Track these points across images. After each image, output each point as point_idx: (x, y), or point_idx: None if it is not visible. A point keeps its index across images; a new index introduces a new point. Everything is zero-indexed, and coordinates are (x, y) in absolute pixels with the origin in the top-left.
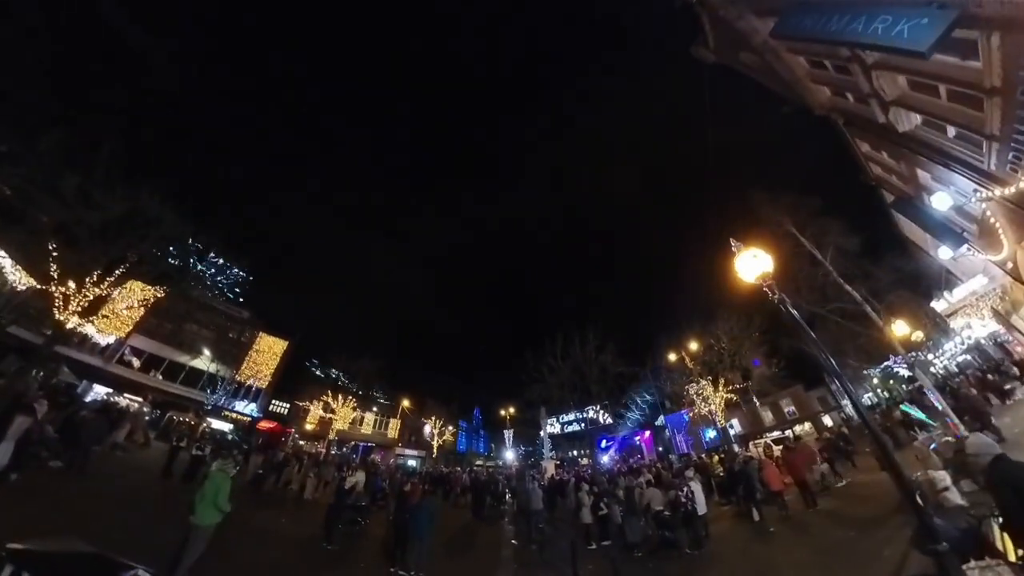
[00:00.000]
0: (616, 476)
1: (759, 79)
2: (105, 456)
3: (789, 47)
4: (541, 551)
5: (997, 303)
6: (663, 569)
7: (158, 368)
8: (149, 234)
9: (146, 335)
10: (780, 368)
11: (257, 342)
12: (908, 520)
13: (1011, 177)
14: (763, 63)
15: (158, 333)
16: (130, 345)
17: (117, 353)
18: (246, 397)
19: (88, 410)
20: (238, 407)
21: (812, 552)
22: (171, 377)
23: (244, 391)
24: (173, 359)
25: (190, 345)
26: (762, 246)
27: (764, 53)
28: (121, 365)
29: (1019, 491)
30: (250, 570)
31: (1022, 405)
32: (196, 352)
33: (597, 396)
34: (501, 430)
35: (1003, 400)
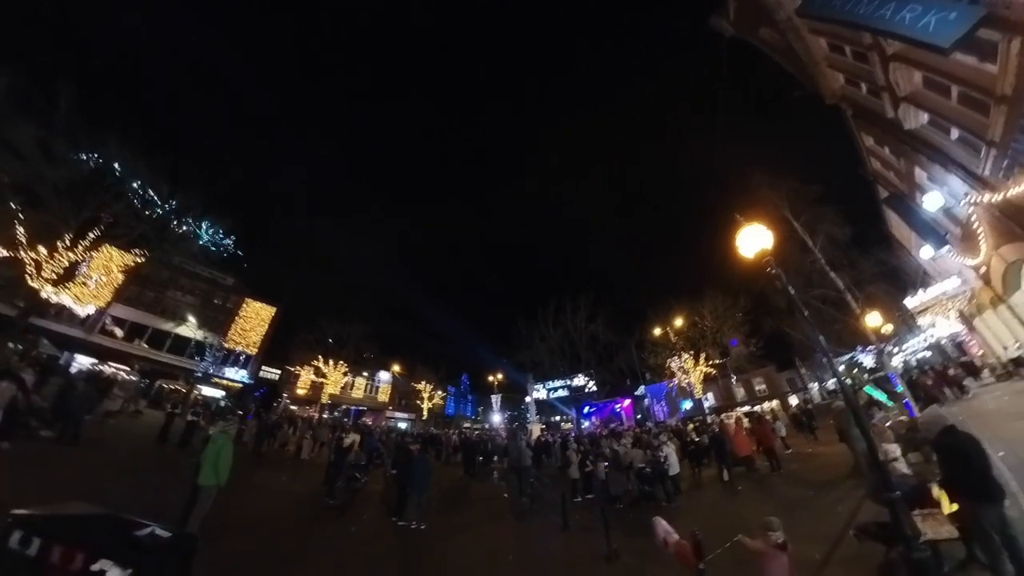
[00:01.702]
0: (598, 439)
1: (775, 57)
2: (97, 425)
3: (812, 27)
4: (532, 502)
5: (964, 305)
6: (642, 518)
7: (142, 337)
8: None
9: (127, 304)
10: (758, 348)
11: (244, 308)
12: (859, 484)
13: (1002, 184)
14: (782, 41)
15: (140, 301)
16: (111, 315)
17: (98, 323)
18: (236, 364)
19: (76, 380)
20: (228, 374)
21: (774, 507)
22: (157, 345)
23: (233, 358)
24: (157, 327)
25: (174, 312)
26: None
27: (786, 31)
28: (104, 335)
29: (960, 454)
30: (260, 523)
31: (974, 400)
32: (181, 320)
33: (586, 363)
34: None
35: (959, 394)
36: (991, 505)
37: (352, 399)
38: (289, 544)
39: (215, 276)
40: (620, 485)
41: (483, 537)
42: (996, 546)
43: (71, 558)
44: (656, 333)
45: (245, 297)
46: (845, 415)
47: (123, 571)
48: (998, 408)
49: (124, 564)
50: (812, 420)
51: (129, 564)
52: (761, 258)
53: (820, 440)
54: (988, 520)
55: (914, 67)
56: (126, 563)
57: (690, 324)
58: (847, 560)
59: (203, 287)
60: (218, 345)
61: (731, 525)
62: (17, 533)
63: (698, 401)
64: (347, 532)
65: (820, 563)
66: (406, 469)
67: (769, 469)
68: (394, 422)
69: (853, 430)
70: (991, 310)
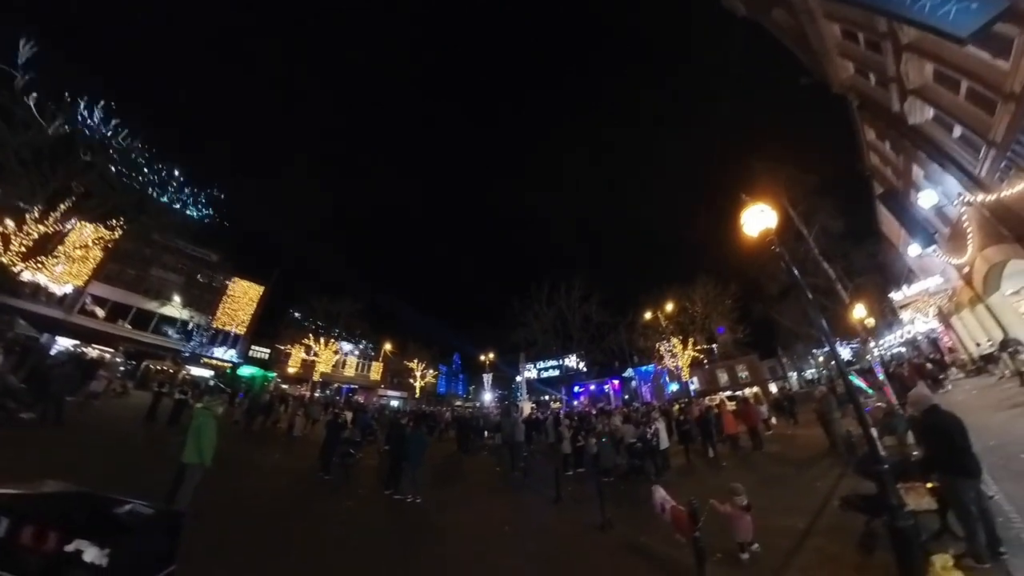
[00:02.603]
0: (588, 416)
1: (785, 41)
2: (81, 407)
3: (827, 11)
4: (525, 476)
5: (944, 303)
6: (633, 490)
7: (125, 317)
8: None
9: (107, 282)
10: (744, 336)
11: (231, 286)
12: (835, 463)
13: (997, 186)
14: (795, 24)
15: (120, 280)
16: (91, 294)
17: (78, 303)
18: (224, 343)
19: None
20: (217, 354)
21: (757, 482)
22: (141, 326)
23: (222, 337)
24: (141, 307)
25: (158, 292)
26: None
27: (800, 13)
28: (84, 315)
29: (944, 431)
30: (255, 500)
31: (953, 398)
32: (165, 299)
33: (578, 343)
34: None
35: (935, 388)
36: (971, 480)
37: (344, 377)
38: (285, 520)
39: (200, 253)
40: (611, 459)
41: (479, 509)
42: (974, 518)
43: (43, 538)
44: (647, 317)
45: (232, 275)
46: (827, 401)
47: (101, 551)
48: (965, 400)
49: (102, 543)
50: (793, 405)
51: (107, 543)
52: (765, 237)
53: (800, 424)
54: (967, 494)
55: (927, 58)
56: (104, 542)
57: (680, 309)
58: (828, 530)
59: (188, 265)
60: (206, 325)
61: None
62: None
63: (684, 384)
64: (344, 506)
65: (804, 532)
66: (401, 444)
67: (752, 448)
68: (386, 400)
69: (834, 414)
70: (969, 309)
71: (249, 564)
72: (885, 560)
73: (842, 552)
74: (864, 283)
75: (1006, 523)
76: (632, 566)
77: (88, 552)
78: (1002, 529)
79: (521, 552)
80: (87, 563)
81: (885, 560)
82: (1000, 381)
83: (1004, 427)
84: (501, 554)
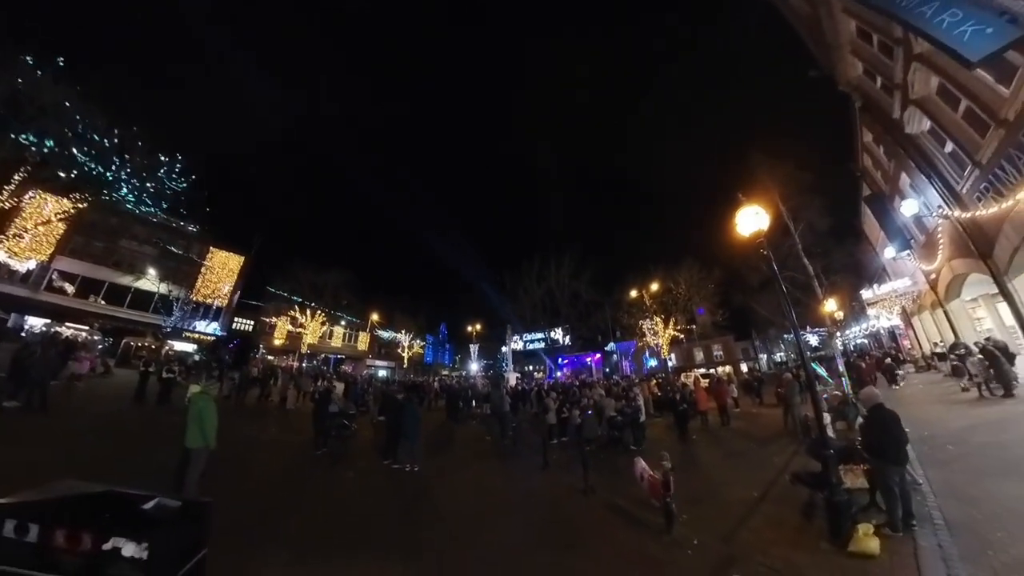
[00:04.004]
0: (571, 388)
1: (800, 29)
2: (65, 390)
3: (846, 6)
4: (514, 444)
5: (908, 304)
6: (612, 459)
7: (98, 293)
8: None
9: (74, 257)
10: (723, 319)
11: (209, 257)
12: (791, 442)
13: (974, 205)
14: (812, 14)
15: (88, 253)
16: (57, 269)
17: (44, 279)
18: (206, 316)
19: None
20: (199, 327)
21: (722, 455)
22: (116, 301)
23: (204, 310)
24: (114, 281)
25: (131, 265)
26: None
27: (819, 4)
28: (53, 292)
29: (884, 425)
30: (257, 475)
31: (902, 391)
32: (140, 272)
33: (565, 318)
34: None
35: (891, 383)
36: (898, 467)
37: (331, 348)
38: (292, 492)
39: (173, 223)
40: (593, 430)
41: (472, 476)
42: (895, 497)
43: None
44: (633, 295)
45: (210, 246)
46: (791, 386)
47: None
48: (912, 393)
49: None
50: (761, 386)
51: (143, 538)
52: (755, 238)
53: (764, 403)
54: (892, 478)
55: (934, 71)
56: (140, 537)
57: (665, 290)
58: (778, 499)
59: (161, 236)
60: (185, 298)
61: (687, 466)
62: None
63: (663, 360)
64: (346, 477)
65: (758, 500)
66: (395, 418)
67: (720, 424)
68: (374, 370)
69: (796, 399)
70: (930, 311)
71: (265, 536)
72: (821, 526)
73: (787, 518)
74: (838, 281)
75: (923, 502)
76: (611, 525)
77: (127, 548)
78: (918, 507)
79: (514, 513)
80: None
81: (821, 526)
82: (944, 379)
83: (939, 420)
84: (496, 515)
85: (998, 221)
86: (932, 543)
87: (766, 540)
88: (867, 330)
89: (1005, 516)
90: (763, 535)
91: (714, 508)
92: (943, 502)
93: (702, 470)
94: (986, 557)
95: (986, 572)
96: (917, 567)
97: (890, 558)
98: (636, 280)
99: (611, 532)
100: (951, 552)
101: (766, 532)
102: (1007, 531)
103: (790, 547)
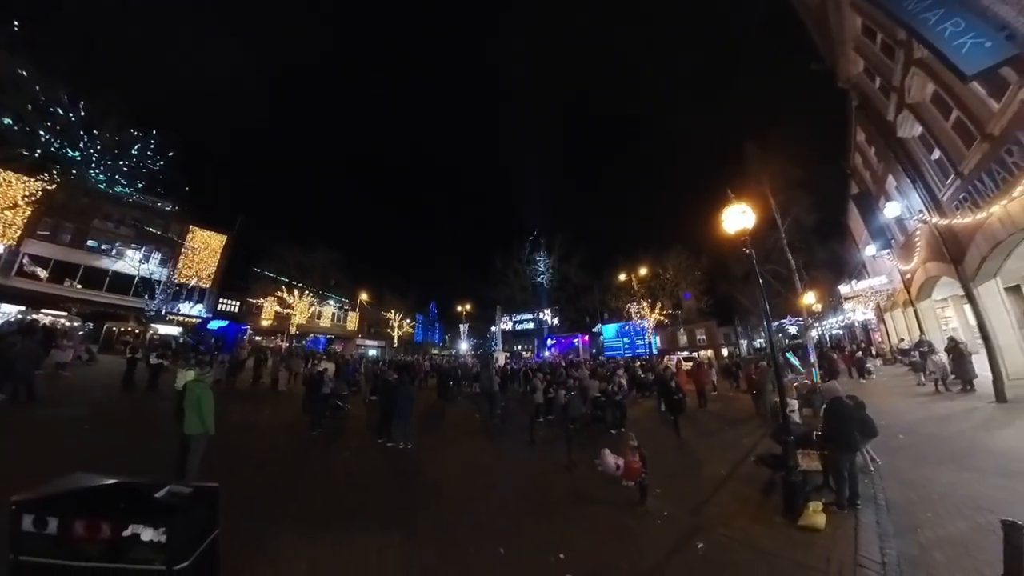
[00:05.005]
0: (558, 368)
1: (807, 21)
2: (51, 380)
3: (854, 1)
4: (502, 422)
5: (883, 300)
6: (595, 436)
7: (73, 277)
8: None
9: (45, 240)
10: (707, 306)
11: (190, 238)
12: (760, 425)
13: (952, 213)
14: (820, 6)
15: (60, 237)
16: (27, 253)
17: (14, 265)
18: (190, 298)
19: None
20: (183, 310)
21: (697, 435)
22: (94, 285)
23: (187, 292)
24: (89, 264)
25: (107, 247)
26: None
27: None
28: (25, 278)
29: (840, 416)
30: (255, 459)
31: (868, 385)
32: (117, 255)
33: (554, 301)
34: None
35: (861, 377)
36: (849, 454)
37: (320, 328)
38: (290, 473)
39: (151, 203)
40: (578, 409)
41: (464, 452)
42: (844, 479)
43: (97, 528)
44: (622, 278)
45: (190, 225)
46: (765, 375)
47: (156, 531)
48: (876, 385)
49: (155, 524)
50: (739, 370)
51: (160, 523)
52: (740, 236)
53: (741, 388)
54: (843, 463)
55: (931, 78)
56: (156, 523)
57: (653, 275)
58: (743, 477)
59: (138, 215)
60: (167, 280)
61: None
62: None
63: (648, 343)
64: (342, 456)
65: (724, 478)
66: (388, 398)
67: (697, 406)
68: (364, 350)
69: (768, 385)
70: (901, 309)
71: (270, 515)
72: (777, 502)
73: (750, 494)
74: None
75: (870, 484)
76: (590, 498)
77: (145, 533)
78: (865, 488)
79: (501, 486)
80: (147, 542)
81: (777, 502)
82: (906, 373)
83: (896, 411)
84: (485, 488)
85: (971, 230)
86: (871, 520)
87: (729, 513)
88: (843, 322)
89: (936, 499)
90: (727, 509)
91: (686, 484)
92: (887, 485)
93: (678, 449)
94: (914, 534)
95: (913, 547)
96: (855, 540)
97: (833, 532)
98: (626, 264)
99: (589, 503)
100: (886, 529)
101: (730, 506)
102: (935, 512)
103: (749, 520)
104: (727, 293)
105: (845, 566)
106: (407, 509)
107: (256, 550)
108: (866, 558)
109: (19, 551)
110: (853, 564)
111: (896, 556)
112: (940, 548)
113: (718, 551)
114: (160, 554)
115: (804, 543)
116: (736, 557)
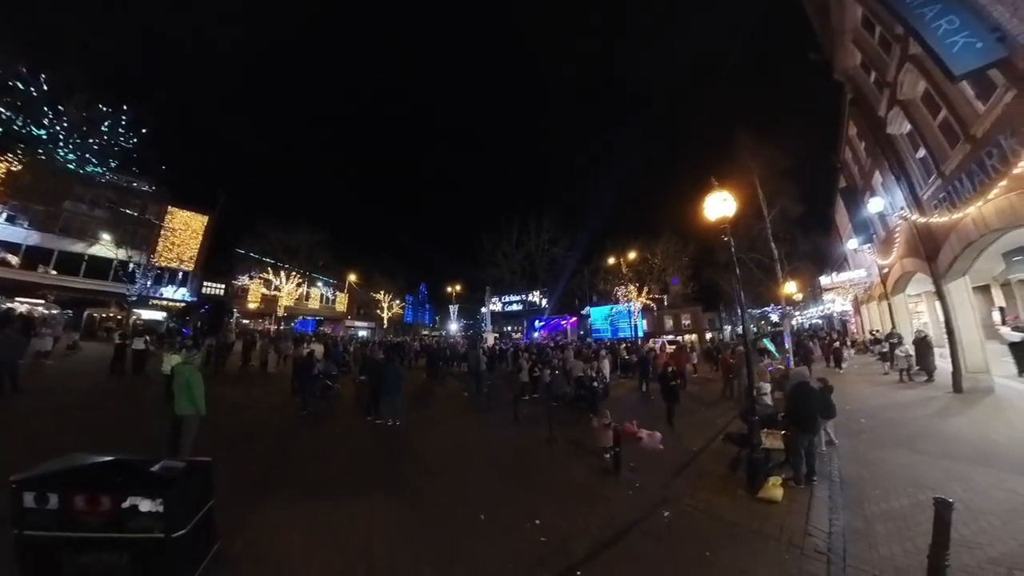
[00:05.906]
0: (545, 349)
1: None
2: (35, 369)
3: None
4: (489, 400)
5: (860, 293)
6: (576, 414)
7: (47, 262)
8: None
9: (14, 224)
10: (693, 291)
11: (168, 219)
12: (733, 407)
13: (930, 212)
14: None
15: (30, 220)
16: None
17: None
18: (173, 282)
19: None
20: (167, 293)
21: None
22: (70, 271)
23: (170, 276)
24: (63, 249)
25: (80, 230)
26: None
27: None
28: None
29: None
30: (247, 438)
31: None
32: (92, 238)
33: (543, 283)
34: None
35: (837, 366)
36: (809, 434)
37: (309, 310)
38: (282, 451)
39: (125, 182)
40: (561, 388)
41: (451, 429)
42: (801, 457)
43: (97, 502)
44: (611, 262)
45: (168, 205)
46: (741, 359)
47: (154, 502)
48: (846, 374)
49: (153, 496)
50: (719, 354)
51: (157, 495)
52: (720, 224)
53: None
54: (802, 442)
55: (923, 76)
56: (154, 495)
57: (641, 259)
58: (713, 454)
59: (112, 196)
60: (147, 263)
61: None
62: (29, 494)
63: (634, 326)
64: (332, 434)
65: (696, 453)
66: (376, 376)
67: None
68: (354, 331)
69: (743, 370)
70: (877, 302)
71: (262, 487)
72: (742, 477)
73: (717, 469)
74: (800, 267)
75: (828, 462)
76: (568, 469)
77: (143, 504)
78: (823, 466)
79: (485, 459)
80: (146, 512)
81: (742, 477)
82: (875, 362)
83: (861, 396)
84: (469, 460)
85: (947, 230)
86: (825, 495)
87: (696, 486)
88: (822, 312)
89: (885, 477)
90: (694, 482)
91: (659, 459)
92: (844, 464)
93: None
94: (862, 508)
95: (859, 520)
96: (807, 512)
97: (789, 504)
98: (616, 246)
99: (566, 474)
100: (837, 503)
101: (697, 480)
102: (883, 489)
103: (714, 492)
104: (712, 280)
105: (795, 534)
106: (393, 478)
107: (251, 519)
108: (815, 528)
109: (23, 526)
110: (803, 533)
111: (842, 527)
112: (883, 521)
113: (683, 519)
114: (159, 523)
115: (761, 514)
116: (698, 524)
